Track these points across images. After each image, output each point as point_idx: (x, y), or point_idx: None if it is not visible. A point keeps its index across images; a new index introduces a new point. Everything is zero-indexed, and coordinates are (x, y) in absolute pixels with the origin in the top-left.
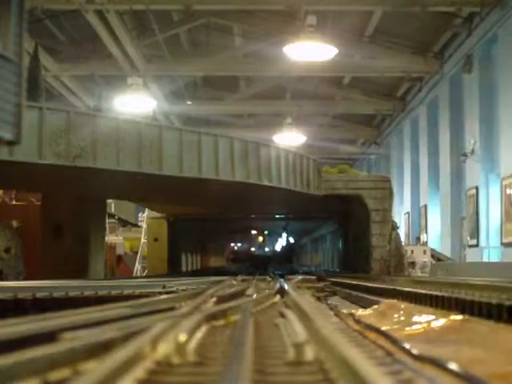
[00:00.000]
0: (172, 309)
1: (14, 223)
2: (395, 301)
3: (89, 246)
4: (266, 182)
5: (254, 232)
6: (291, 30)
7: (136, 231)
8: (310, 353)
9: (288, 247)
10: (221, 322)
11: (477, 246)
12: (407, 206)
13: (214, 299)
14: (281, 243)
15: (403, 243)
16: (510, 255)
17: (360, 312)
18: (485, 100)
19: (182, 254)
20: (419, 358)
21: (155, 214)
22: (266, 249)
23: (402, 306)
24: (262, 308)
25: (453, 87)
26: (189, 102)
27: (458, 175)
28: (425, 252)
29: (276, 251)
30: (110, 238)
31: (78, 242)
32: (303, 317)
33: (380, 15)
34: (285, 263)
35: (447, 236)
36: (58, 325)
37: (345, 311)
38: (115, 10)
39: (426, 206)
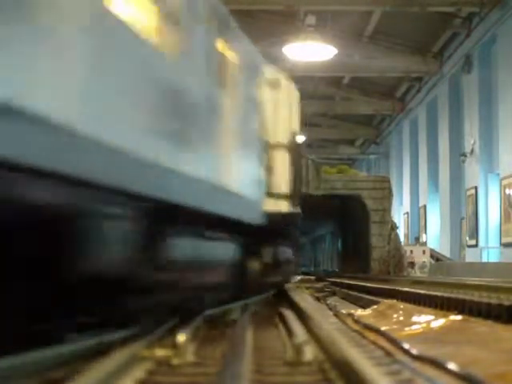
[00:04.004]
0: None
1: None
2: (394, 301)
3: None
4: None
5: None
6: (291, 30)
7: None
8: (309, 353)
9: None
10: (220, 323)
11: (476, 246)
12: (406, 206)
13: None
14: None
15: (402, 243)
16: (508, 255)
17: (359, 312)
18: (484, 100)
19: None
20: (418, 358)
21: None
22: None
23: (402, 306)
24: (261, 308)
25: (452, 87)
26: None
27: (457, 175)
28: (424, 252)
29: None
30: None
31: None
32: (302, 317)
33: (379, 15)
34: None
35: (446, 236)
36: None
37: (344, 311)
38: None
39: (425, 207)
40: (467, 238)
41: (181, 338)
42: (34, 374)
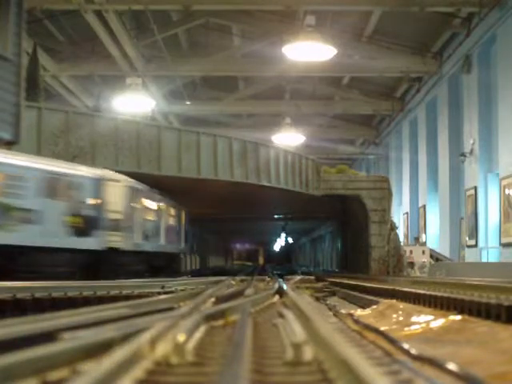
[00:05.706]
0: (171, 309)
1: None
2: (394, 301)
3: None
4: (264, 182)
5: None
6: (290, 30)
7: None
8: (308, 353)
9: (287, 247)
10: (220, 323)
11: (475, 246)
12: (406, 206)
13: (213, 299)
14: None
15: (402, 243)
16: (508, 255)
17: (359, 312)
18: (483, 100)
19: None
20: (418, 358)
21: None
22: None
23: (401, 306)
24: (260, 308)
25: (452, 87)
26: (188, 102)
27: (456, 175)
28: (424, 252)
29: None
30: None
31: None
32: (302, 317)
33: (379, 15)
34: (284, 263)
35: (446, 236)
36: (57, 325)
37: (344, 311)
38: (114, 10)
39: (424, 207)
40: (467, 238)
41: (180, 337)
42: (34, 373)
